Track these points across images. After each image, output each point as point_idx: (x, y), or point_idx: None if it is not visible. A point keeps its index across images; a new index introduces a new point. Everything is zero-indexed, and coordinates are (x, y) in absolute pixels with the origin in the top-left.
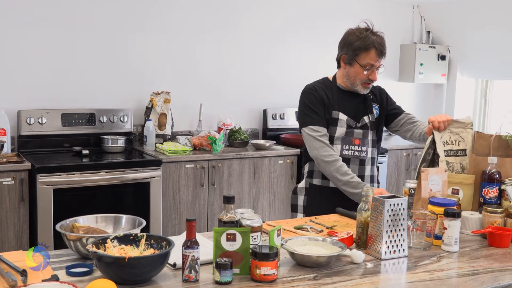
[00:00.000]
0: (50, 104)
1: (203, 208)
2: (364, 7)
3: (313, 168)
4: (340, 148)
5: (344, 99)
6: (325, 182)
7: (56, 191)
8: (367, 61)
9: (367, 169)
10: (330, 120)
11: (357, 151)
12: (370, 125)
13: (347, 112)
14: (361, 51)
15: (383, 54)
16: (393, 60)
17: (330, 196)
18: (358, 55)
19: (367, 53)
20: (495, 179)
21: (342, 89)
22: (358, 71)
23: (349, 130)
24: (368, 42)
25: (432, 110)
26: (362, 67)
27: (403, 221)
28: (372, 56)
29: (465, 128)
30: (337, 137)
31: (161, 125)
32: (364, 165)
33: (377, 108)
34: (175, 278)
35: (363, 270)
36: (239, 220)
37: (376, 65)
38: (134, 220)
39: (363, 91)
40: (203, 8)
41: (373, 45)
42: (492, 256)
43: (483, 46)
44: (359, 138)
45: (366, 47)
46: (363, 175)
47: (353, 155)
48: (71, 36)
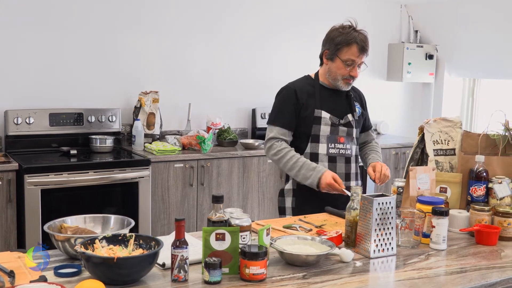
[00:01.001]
0: (37, 104)
1: (192, 207)
2: (352, 6)
3: None
4: (326, 146)
5: (326, 97)
6: None
7: (44, 191)
8: (348, 56)
9: (353, 167)
10: (314, 119)
11: (342, 149)
12: (354, 123)
13: (329, 110)
14: (342, 46)
15: (365, 50)
16: (381, 59)
17: (319, 195)
18: (340, 50)
19: (348, 48)
20: (483, 178)
21: (324, 87)
22: (340, 66)
23: (333, 128)
24: (350, 37)
25: (420, 109)
26: (343, 62)
27: (391, 219)
28: (353, 52)
29: (454, 127)
30: (322, 136)
31: (149, 125)
32: (350, 163)
33: (359, 107)
34: (164, 278)
35: (352, 268)
36: (228, 220)
37: (357, 61)
38: (122, 220)
39: (345, 87)
40: (192, 8)
41: (355, 41)
42: (480, 254)
43: (470, 46)
44: (344, 136)
45: (348, 42)
46: (350, 172)
47: (339, 153)
48: (59, 35)
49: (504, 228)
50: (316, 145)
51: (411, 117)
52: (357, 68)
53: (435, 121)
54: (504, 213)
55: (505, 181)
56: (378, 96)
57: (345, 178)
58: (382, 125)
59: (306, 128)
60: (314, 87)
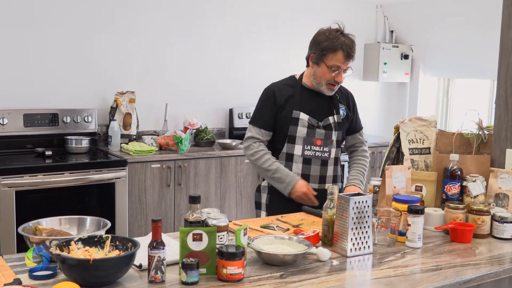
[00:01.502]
0: (11, 104)
1: (170, 208)
2: (328, 6)
3: None
4: (301, 148)
5: (307, 99)
6: None
7: (18, 193)
8: (333, 62)
9: (329, 170)
10: (291, 119)
11: (318, 151)
12: (335, 125)
13: (309, 111)
14: (328, 51)
15: (351, 56)
16: (357, 59)
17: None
18: (325, 56)
19: (334, 54)
20: (457, 176)
21: (307, 88)
22: (324, 72)
23: (310, 130)
24: (336, 43)
25: (396, 109)
26: (329, 68)
27: (368, 218)
28: (339, 58)
29: (429, 127)
30: (298, 137)
31: (126, 125)
32: (326, 166)
33: (344, 109)
34: (141, 279)
35: (329, 267)
36: (205, 220)
37: (343, 67)
38: (98, 221)
39: (328, 92)
40: (169, 8)
41: (341, 47)
42: (455, 251)
43: (445, 46)
44: (321, 138)
45: (334, 48)
46: (325, 175)
47: (315, 155)
48: (34, 35)
49: (478, 225)
50: (292, 146)
51: (387, 117)
52: (342, 73)
53: (411, 120)
54: (478, 210)
55: (479, 179)
56: (355, 95)
57: (319, 180)
58: None
59: (283, 129)
60: (296, 88)
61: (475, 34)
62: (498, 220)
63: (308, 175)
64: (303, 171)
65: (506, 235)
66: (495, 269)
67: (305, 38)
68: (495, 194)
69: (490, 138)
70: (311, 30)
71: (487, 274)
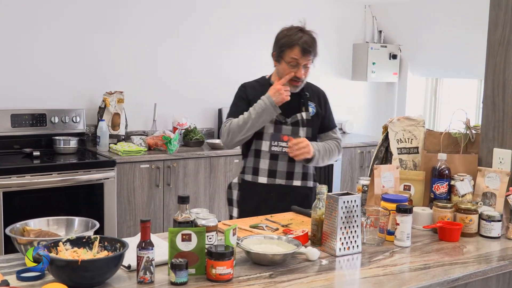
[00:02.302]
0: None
1: (159, 208)
2: (317, 6)
3: (246, 164)
4: (269, 144)
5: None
6: (255, 178)
7: (5, 194)
8: (291, 57)
9: (297, 166)
10: None
11: (285, 147)
12: (302, 122)
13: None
14: (285, 48)
15: (308, 51)
16: (346, 59)
17: (260, 191)
18: (283, 52)
19: (291, 50)
20: (445, 175)
21: None
22: (284, 68)
23: (277, 126)
24: (293, 39)
25: (384, 108)
26: (287, 64)
27: (356, 217)
28: (295, 53)
29: (417, 126)
30: (265, 133)
31: (114, 125)
32: (293, 162)
33: (314, 107)
34: (130, 280)
35: (318, 267)
36: (194, 220)
37: (301, 62)
38: (87, 222)
39: (291, 89)
40: (158, 8)
41: (297, 43)
42: (443, 250)
43: (432, 46)
44: (288, 134)
45: (290, 45)
46: (293, 171)
47: (282, 151)
48: (22, 34)
49: (466, 224)
50: (259, 142)
51: (375, 116)
52: (302, 69)
53: (399, 120)
54: (465, 209)
55: (466, 179)
56: (343, 95)
57: (287, 176)
58: (347, 124)
59: None
60: (264, 86)
61: (463, 34)
62: (486, 219)
63: (275, 170)
64: (270, 166)
65: (493, 233)
66: (483, 268)
67: None
68: (482, 193)
69: (478, 137)
70: None
71: (475, 272)
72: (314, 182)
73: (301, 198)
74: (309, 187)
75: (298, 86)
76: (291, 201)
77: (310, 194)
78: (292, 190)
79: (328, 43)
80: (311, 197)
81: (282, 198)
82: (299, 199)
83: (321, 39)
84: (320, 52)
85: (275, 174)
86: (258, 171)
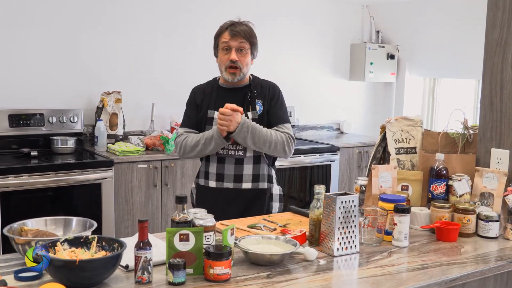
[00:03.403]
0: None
1: (157, 208)
2: (315, 6)
3: (200, 168)
4: None
5: (223, 97)
6: (207, 182)
7: (3, 194)
8: (222, 41)
9: (246, 168)
10: (207, 119)
11: (231, 150)
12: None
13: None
14: (218, 37)
15: (236, 33)
16: (344, 59)
17: (210, 195)
18: (217, 42)
19: (221, 37)
20: (443, 175)
21: (223, 87)
22: (221, 57)
23: None
24: (221, 27)
25: (382, 108)
26: (221, 51)
27: (354, 217)
28: (225, 37)
29: (415, 126)
30: None
31: (112, 125)
32: (241, 164)
33: (261, 105)
34: (128, 280)
35: (316, 267)
36: (192, 220)
37: (232, 44)
38: (84, 222)
39: (230, 77)
40: (156, 8)
41: (225, 28)
42: (441, 250)
43: (430, 46)
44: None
45: (220, 32)
46: (241, 174)
47: (228, 154)
48: (19, 34)
49: (463, 224)
50: None
51: (373, 116)
52: (236, 52)
53: (397, 120)
54: (463, 210)
55: (464, 179)
56: (341, 95)
57: (234, 179)
58: (345, 125)
59: (202, 129)
60: (213, 87)
61: (460, 34)
62: (484, 219)
63: (222, 174)
64: (218, 170)
65: (491, 233)
66: (481, 268)
67: (292, 38)
68: (480, 193)
69: (475, 137)
70: (298, 30)
71: (472, 272)
72: (269, 184)
73: (250, 201)
74: (262, 188)
75: (235, 74)
76: (240, 204)
77: (263, 196)
78: (241, 193)
79: (326, 43)
80: (265, 199)
81: (231, 202)
82: (248, 202)
83: (318, 39)
84: (317, 52)
85: (223, 178)
86: (208, 175)
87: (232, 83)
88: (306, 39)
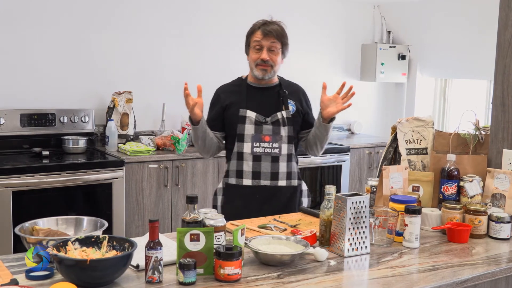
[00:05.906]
0: (8, 104)
1: (167, 208)
2: (326, 6)
3: (229, 168)
4: (250, 145)
5: (254, 96)
6: (239, 181)
7: (15, 193)
8: (254, 40)
9: (282, 166)
10: (239, 118)
11: (268, 148)
12: (283, 121)
13: (255, 109)
14: (250, 36)
15: (269, 33)
16: (355, 60)
17: (245, 194)
18: (249, 41)
19: (253, 36)
20: (454, 176)
21: (253, 86)
22: (252, 55)
23: (258, 126)
24: (254, 25)
25: (393, 109)
26: (253, 49)
27: (365, 218)
28: (257, 36)
29: (426, 127)
30: (247, 135)
31: (123, 125)
32: (277, 162)
33: (293, 105)
34: (138, 280)
35: (326, 267)
36: (203, 220)
37: (264, 43)
38: (95, 221)
39: (260, 74)
40: (166, 8)
41: (258, 27)
42: (452, 251)
43: (442, 46)
44: (269, 134)
45: (252, 31)
46: (277, 171)
47: (264, 152)
48: (31, 34)
49: (475, 226)
50: (241, 144)
51: (384, 117)
52: (268, 52)
53: (408, 120)
54: (474, 211)
55: (475, 180)
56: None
57: (271, 177)
58: (356, 125)
59: (232, 128)
60: (241, 87)
61: (472, 35)
62: (495, 220)
63: (259, 172)
64: (254, 168)
65: (502, 235)
66: (492, 269)
67: (303, 39)
68: (491, 194)
69: (487, 138)
70: (308, 31)
71: (484, 274)
72: (299, 181)
73: (287, 198)
74: (294, 186)
75: (266, 71)
76: (277, 201)
77: (295, 193)
78: (277, 191)
79: (337, 44)
80: (296, 196)
81: (268, 199)
82: (285, 199)
83: (329, 39)
84: (328, 52)
85: (260, 176)
86: (242, 173)
87: (262, 82)
88: (317, 40)
